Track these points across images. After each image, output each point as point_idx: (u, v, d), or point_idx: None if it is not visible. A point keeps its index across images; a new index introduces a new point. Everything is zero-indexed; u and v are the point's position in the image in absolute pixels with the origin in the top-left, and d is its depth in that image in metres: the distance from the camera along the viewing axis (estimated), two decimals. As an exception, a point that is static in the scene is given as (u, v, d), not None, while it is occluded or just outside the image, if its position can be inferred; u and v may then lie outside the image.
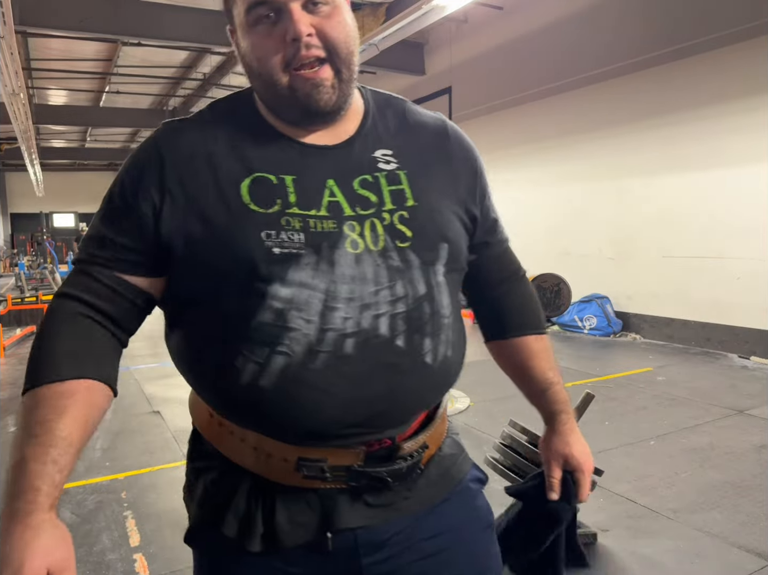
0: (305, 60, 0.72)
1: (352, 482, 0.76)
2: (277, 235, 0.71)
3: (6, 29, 4.51)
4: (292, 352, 0.70)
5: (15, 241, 21.57)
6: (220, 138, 0.77)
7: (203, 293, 0.75)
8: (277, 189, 0.74)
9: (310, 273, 0.71)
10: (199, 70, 10.77)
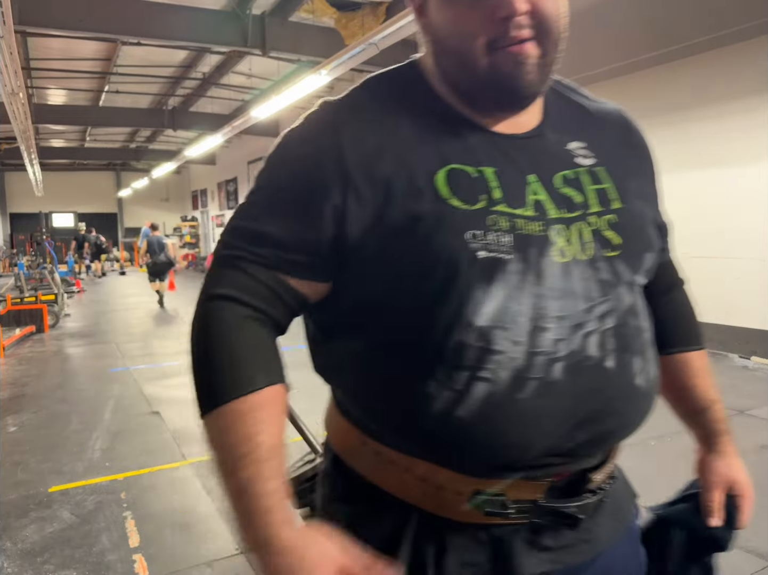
0: (513, 41, 0.62)
1: (535, 519, 0.65)
2: (483, 236, 0.60)
3: (5, 29, 4.50)
4: (497, 379, 0.60)
5: (14, 241, 21.54)
6: (400, 122, 0.65)
7: (386, 303, 0.64)
8: (477, 183, 0.63)
9: (516, 284, 0.61)
10: (198, 70, 10.75)
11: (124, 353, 6.04)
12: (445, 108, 0.68)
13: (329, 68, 6.56)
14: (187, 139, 16.99)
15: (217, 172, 20.43)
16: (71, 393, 4.56)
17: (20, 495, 2.74)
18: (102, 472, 2.98)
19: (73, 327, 7.80)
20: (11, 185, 21.63)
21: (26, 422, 3.83)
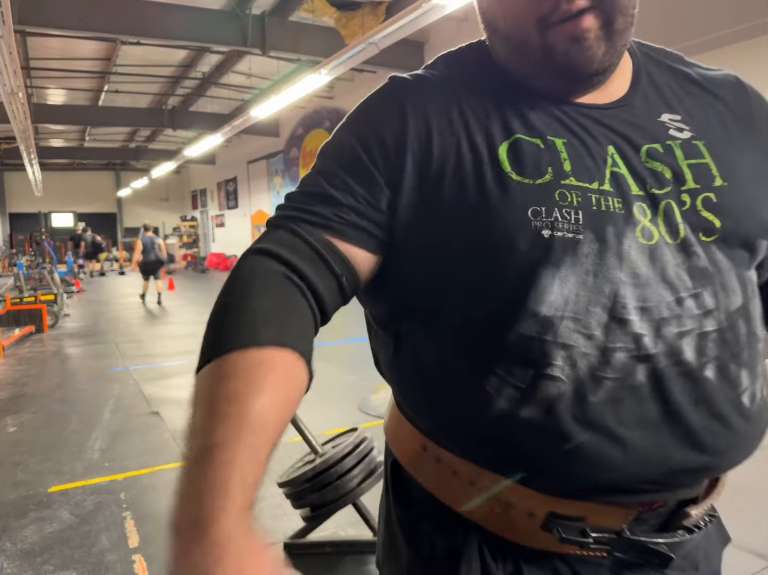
0: (567, 15, 0.54)
1: (618, 553, 0.55)
2: (549, 212, 0.53)
3: (5, 28, 4.50)
4: (566, 377, 0.52)
5: (14, 241, 21.53)
6: (467, 94, 0.61)
7: (442, 288, 0.58)
8: (545, 154, 0.56)
9: (590, 267, 0.53)
10: (198, 69, 10.75)
11: (124, 353, 6.03)
12: (515, 81, 0.61)
13: (329, 68, 6.56)
14: (187, 139, 16.98)
15: (216, 172, 20.42)
16: (71, 394, 4.55)
17: (20, 496, 2.73)
18: (101, 472, 2.97)
19: (73, 327, 7.80)
20: (11, 185, 21.62)
21: (26, 422, 3.83)
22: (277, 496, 2.59)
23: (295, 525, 2.31)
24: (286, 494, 2.19)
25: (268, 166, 16.15)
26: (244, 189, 18.09)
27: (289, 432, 2.97)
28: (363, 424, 3.38)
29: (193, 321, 8.06)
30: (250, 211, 17.84)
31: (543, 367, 0.53)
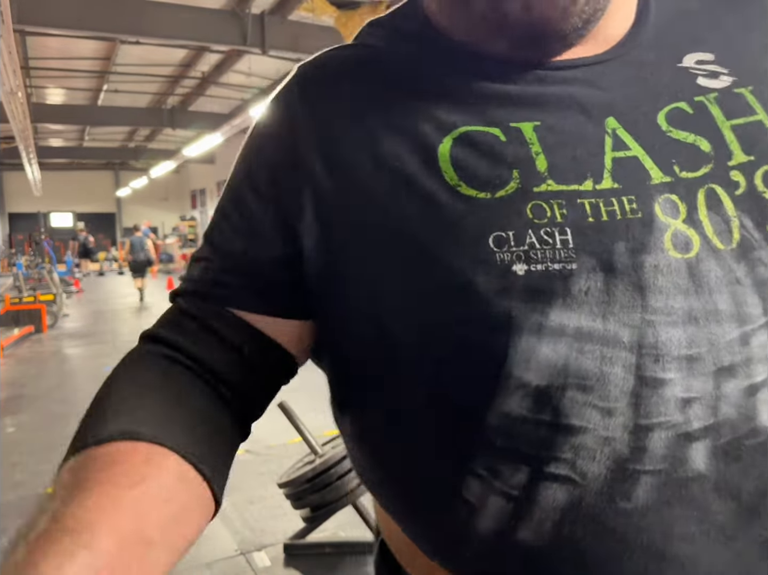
0: None
1: None
2: (519, 238, 0.36)
3: (4, 28, 4.49)
4: (581, 476, 0.34)
5: (13, 241, 21.51)
6: (391, 75, 0.44)
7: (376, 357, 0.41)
8: (507, 150, 0.38)
9: (595, 309, 0.35)
10: (197, 69, 10.75)
11: (123, 353, 6.01)
12: (460, 47, 0.43)
13: (328, 67, 6.55)
14: (186, 138, 16.97)
15: (216, 171, 20.41)
16: (70, 394, 4.54)
17: (18, 496, 2.72)
18: (100, 473, 2.97)
19: (72, 328, 7.79)
20: (9, 185, 21.60)
21: (24, 423, 3.82)
22: (277, 497, 2.59)
23: (295, 526, 2.31)
24: (286, 494, 2.19)
25: (267, 165, 16.12)
26: (244, 189, 18.07)
27: (289, 432, 2.95)
28: (363, 424, 3.38)
29: (193, 321, 8.05)
30: (250, 210, 17.82)
31: (543, 463, 0.35)
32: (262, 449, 3.24)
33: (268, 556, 2.17)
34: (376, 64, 0.45)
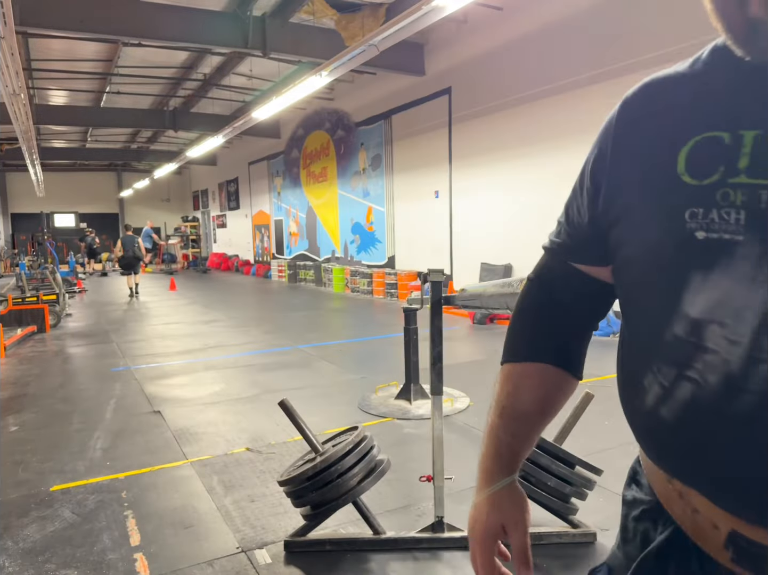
0: None
1: None
2: (706, 213, 0.52)
3: (6, 30, 4.52)
4: (704, 381, 0.52)
5: (16, 241, 21.57)
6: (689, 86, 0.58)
7: (626, 289, 0.64)
8: (726, 151, 0.53)
9: (746, 271, 0.49)
10: (199, 71, 10.78)
11: (126, 352, 6.05)
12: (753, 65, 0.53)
13: (329, 69, 6.57)
14: (188, 140, 17.01)
15: (218, 173, 20.44)
16: (72, 393, 4.57)
17: (21, 495, 2.75)
18: (103, 471, 2.99)
19: (75, 327, 7.82)
20: (13, 185, 21.66)
21: (27, 421, 3.85)
22: (278, 494, 2.60)
23: (296, 523, 2.32)
24: (287, 492, 2.21)
25: (268, 167, 16.17)
26: (245, 190, 18.12)
27: (290, 430, 2.97)
28: (363, 423, 3.40)
29: (195, 321, 8.08)
30: (251, 211, 17.86)
31: (685, 368, 0.53)
32: (263, 447, 3.26)
33: (269, 554, 2.18)
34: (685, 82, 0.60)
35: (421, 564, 2.12)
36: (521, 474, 2.18)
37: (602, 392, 2.51)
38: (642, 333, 0.61)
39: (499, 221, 7.92)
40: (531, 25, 7.26)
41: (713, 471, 0.54)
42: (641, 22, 5.89)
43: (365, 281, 10.80)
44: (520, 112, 7.61)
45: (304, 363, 5.38)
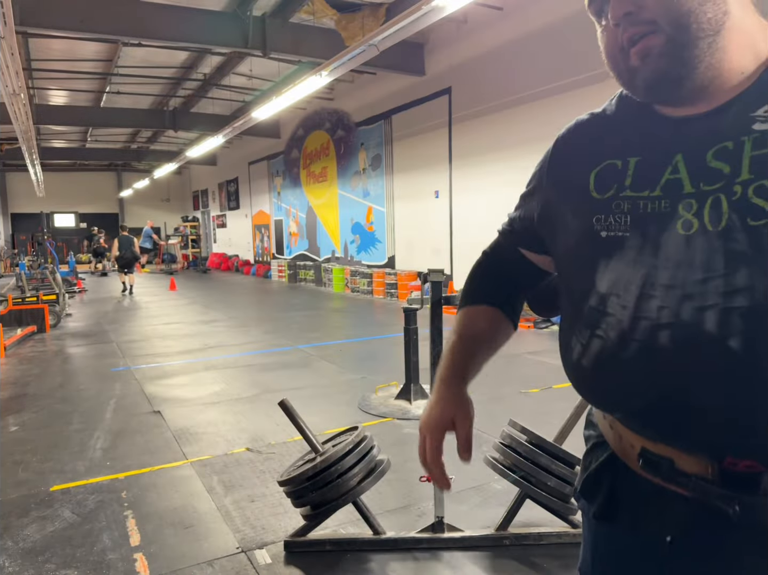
0: (633, 38, 0.67)
1: (691, 492, 0.67)
2: (606, 218, 0.72)
3: (6, 29, 4.52)
4: (607, 337, 0.70)
5: (16, 241, 21.58)
6: (600, 125, 0.80)
7: (560, 276, 0.85)
8: (618, 173, 0.73)
9: (632, 257, 0.69)
10: (199, 71, 10.78)
11: (125, 352, 6.05)
12: (637, 106, 0.75)
13: (330, 69, 6.57)
14: (188, 140, 17.01)
15: (218, 173, 20.44)
16: (72, 393, 4.57)
17: (21, 495, 2.75)
18: (103, 471, 2.99)
19: (75, 327, 7.82)
20: (13, 185, 21.66)
21: (27, 421, 3.84)
22: (278, 494, 2.61)
23: (296, 524, 2.33)
24: (287, 492, 2.21)
25: (269, 167, 16.17)
26: (245, 190, 18.12)
27: (290, 430, 2.97)
28: (363, 423, 3.40)
29: (195, 321, 8.08)
30: (251, 211, 17.86)
31: (595, 329, 0.72)
32: (263, 447, 3.26)
33: (269, 554, 2.18)
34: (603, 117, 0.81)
35: (421, 564, 2.12)
36: (521, 474, 2.19)
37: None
38: (570, 309, 0.79)
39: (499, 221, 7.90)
40: (531, 25, 7.26)
41: (622, 403, 0.73)
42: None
43: (365, 281, 10.80)
44: (520, 112, 7.61)
45: (304, 363, 5.38)
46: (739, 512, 0.64)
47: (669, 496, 0.70)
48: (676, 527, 0.70)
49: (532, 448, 2.15)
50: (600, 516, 0.82)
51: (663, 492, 0.71)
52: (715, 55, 0.65)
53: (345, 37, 7.84)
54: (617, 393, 0.72)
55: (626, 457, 0.76)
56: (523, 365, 5.11)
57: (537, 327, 6.86)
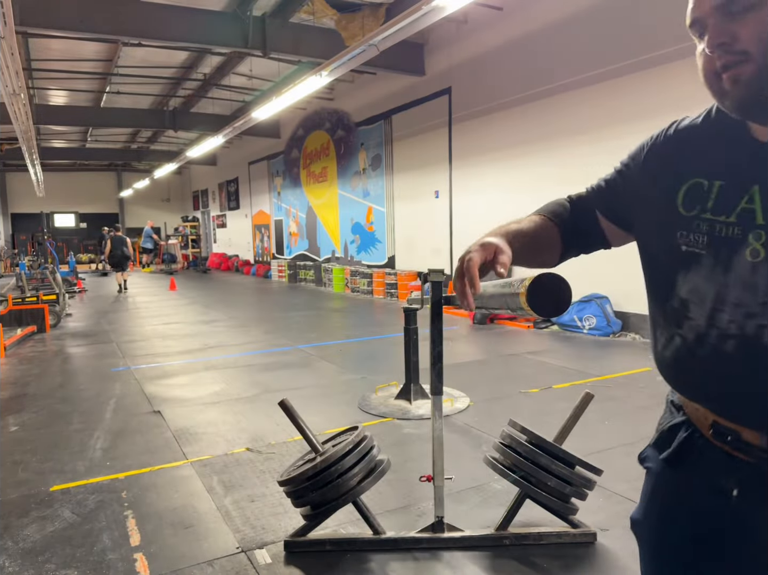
0: (727, 65, 0.76)
1: (753, 458, 0.83)
2: (687, 235, 0.84)
3: (6, 29, 4.52)
4: (686, 336, 0.85)
5: (16, 241, 21.58)
6: (695, 136, 0.89)
7: (644, 269, 0.96)
8: (703, 194, 0.84)
9: (706, 273, 0.82)
10: (199, 71, 10.78)
11: (125, 353, 6.05)
12: (735, 123, 0.82)
13: (330, 69, 6.57)
14: (188, 140, 17.01)
15: (218, 173, 20.44)
16: (72, 393, 4.57)
17: (21, 495, 2.75)
18: (103, 471, 2.99)
19: (75, 327, 7.82)
20: (13, 185, 21.66)
21: (27, 421, 3.85)
22: (278, 494, 2.60)
23: (296, 523, 2.33)
24: (287, 492, 2.21)
25: (269, 166, 16.17)
26: (245, 190, 18.12)
27: (290, 430, 2.96)
28: (363, 423, 3.40)
29: (195, 321, 8.08)
30: (251, 211, 17.86)
31: (677, 327, 0.86)
32: (263, 447, 3.26)
33: (269, 553, 2.19)
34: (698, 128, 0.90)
35: (421, 564, 2.12)
36: (521, 474, 2.19)
37: (602, 392, 2.51)
38: (655, 306, 0.93)
39: (499, 221, 7.90)
40: (531, 25, 7.26)
41: (696, 391, 0.88)
42: (642, 22, 5.89)
43: (365, 281, 10.80)
44: (520, 112, 7.61)
45: (304, 363, 5.38)
46: None
47: (735, 461, 0.84)
48: (739, 484, 0.84)
49: (532, 448, 2.15)
50: (671, 461, 0.94)
51: (730, 457, 0.85)
52: None
53: (345, 37, 7.84)
54: (692, 383, 0.88)
55: (700, 425, 0.90)
56: (523, 365, 5.11)
57: (537, 327, 6.86)
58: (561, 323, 6.62)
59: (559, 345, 5.95)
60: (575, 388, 4.21)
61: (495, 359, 5.44)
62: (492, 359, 5.46)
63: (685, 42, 5.62)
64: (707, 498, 0.89)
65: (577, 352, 5.61)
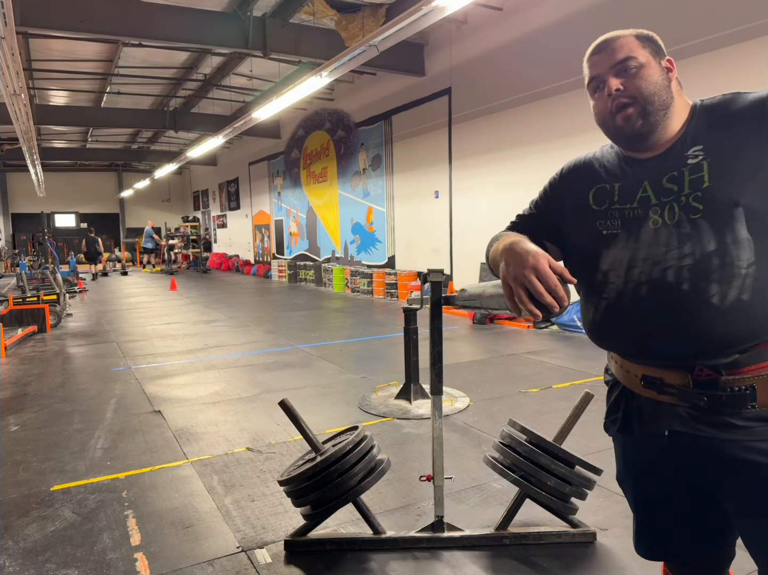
0: (619, 106, 1.08)
1: (679, 398, 1.06)
2: (604, 222, 1.13)
3: (7, 30, 4.52)
4: (609, 297, 1.11)
5: (16, 241, 21.58)
6: (593, 161, 1.22)
7: (572, 262, 1.21)
8: (607, 193, 1.15)
9: (622, 245, 1.10)
10: (199, 71, 10.79)
11: (126, 352, 6.05)
12: (617, 152, 1.18)
13: (330, 70, 6.57)
14: (189, 140, 17.01)
15: (218, 173, 20.44)
16: (73, 393, 4.57)
17: (22, 494, 2.75)
18: (103, 471, 2.99)
19: (75, 327, 7.82)
20: (13, 185, 21.66)
21: (28, 421, 3.85)
22: (278, 494, 2.61)
23: (296, 523, 2.33)
24: (287, 492, 2.21)
25: (269, 167, 16.17)
26: (246, 190, 18.12)
27: (290, 430, 2.96)
28: (363, 423, 3.40)
29: (195, 321, 8.09)
30: (252, 211, 17.86)
31: (602, 293, 1.12)
32: (264, 447, 3.26)
33: (269, 553, 2.19)
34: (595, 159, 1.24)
35: (421, 564, 2.12)
36: (521, 474, 2.19)
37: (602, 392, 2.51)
38: (584, 286, 1.18)
39: (499, 221, 7.89)
40: (531, 26, 7.26)
41: (623, 345, 1.14)
42: (640, 23, 5.89)
43: (365, 281, 10.80)
44: (519, 112, 7.61)
45: (305, 362, 5.38)
46: (707, 401, 1.03)
47: (662, 406, 1.10)
48: (668, 424, 1.10)
49: (532, 448, 2.15)
50: (622, 430, 1.19)
51: (658, 404, 1.10)
52: (665, 120, 1.08)
53: (345, 37, 7.84)
54: (619, 334, 1.12)
55: (632, 385, 1.14)
56: (523, 365, 5.11)
57: (536, 327, 6.86)
58: (561, 323, 6.62)
59: (559, 345, 5.95)
60: (575, 388, 4.21)
61: (495, 359, 5.44)
62: (492, 359, 5.46)
63: (685, 42, 5.62)
64: (651, 451, 1.15)
65: (576, 352, 5.61)
